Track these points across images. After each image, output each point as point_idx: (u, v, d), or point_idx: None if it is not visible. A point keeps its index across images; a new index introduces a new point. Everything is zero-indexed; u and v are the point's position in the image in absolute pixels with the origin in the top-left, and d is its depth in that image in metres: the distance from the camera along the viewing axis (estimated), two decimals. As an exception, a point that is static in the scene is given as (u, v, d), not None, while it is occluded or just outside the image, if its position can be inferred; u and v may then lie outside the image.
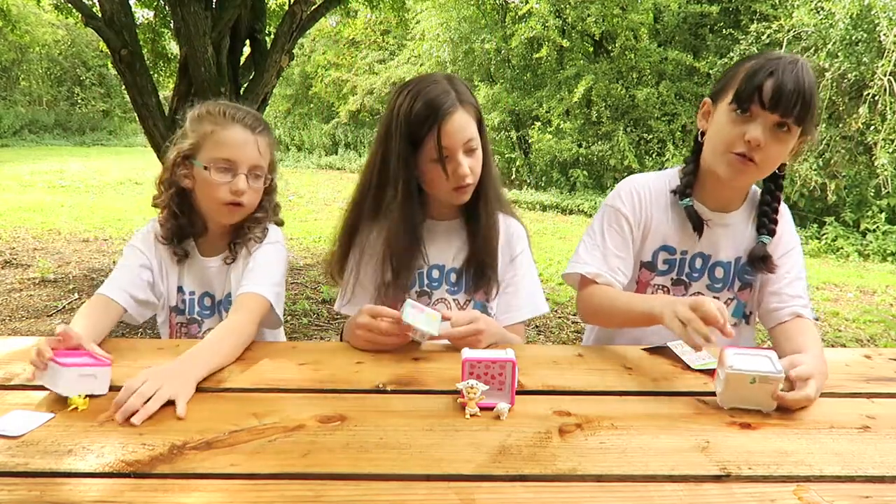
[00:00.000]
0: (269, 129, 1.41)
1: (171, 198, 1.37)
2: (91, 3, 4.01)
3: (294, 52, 4.26)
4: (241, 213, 1.38)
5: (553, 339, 3.74)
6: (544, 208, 9.54)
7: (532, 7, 10.00)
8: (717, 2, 9.39)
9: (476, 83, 11.43)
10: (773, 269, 1.31)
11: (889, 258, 7.00)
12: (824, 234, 7.62)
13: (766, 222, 1.32)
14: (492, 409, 0.92)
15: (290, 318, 3.82)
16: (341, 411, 0.93)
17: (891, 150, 7.13)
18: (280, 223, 1.49)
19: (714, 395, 1.00)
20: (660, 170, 1.72)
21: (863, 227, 7.54)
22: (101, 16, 3.74)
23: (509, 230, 1.44)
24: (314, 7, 4.16)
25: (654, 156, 9.58)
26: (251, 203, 1.37)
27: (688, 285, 1.38)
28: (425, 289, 1.40)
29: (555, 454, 0.82)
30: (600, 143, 10.10)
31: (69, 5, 4.54)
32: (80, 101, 20.56)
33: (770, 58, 1.19)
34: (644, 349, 1.22)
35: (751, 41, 8.14)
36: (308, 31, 4.73)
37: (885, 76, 7.02)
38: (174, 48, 5.50)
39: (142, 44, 4.47)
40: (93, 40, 18.55)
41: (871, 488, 0.76)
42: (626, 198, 1.38)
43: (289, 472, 0.77)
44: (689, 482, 0.76)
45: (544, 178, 10.89)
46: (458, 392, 0.94)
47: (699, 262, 1.37)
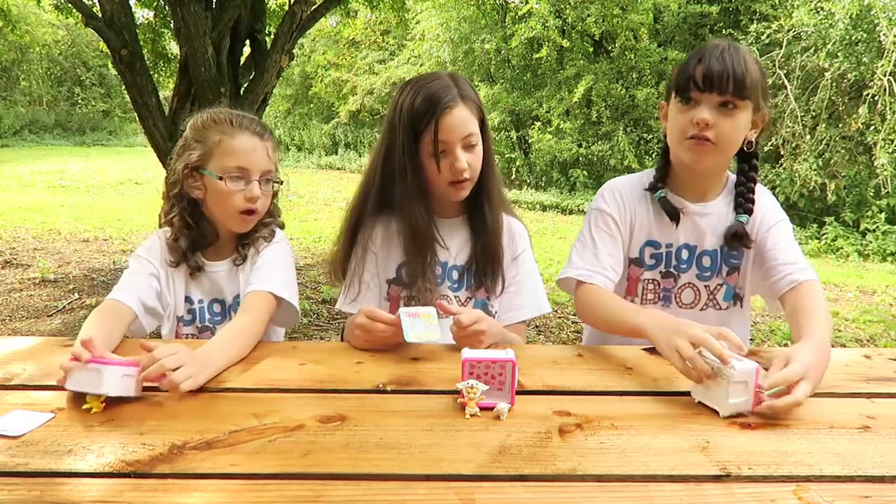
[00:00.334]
0: (272, 134, 1.41)
1: (183, 210, 1.36)
2: (91, 3, 4.01)
3: (294, 52, 4.26)
4: (254, 220, 1.38)
5: (553, 339, 3.75)
6: (544, 208, 9.55)
7: (532, 7, 10.00)
8: (717, 2, 9.39)
9: (476, 83, 11.43)
10: (749, 245, 1.34)
11: (889, 258, 7.01)
12: (824, 234, 7.62)
13: (742, 202, 1.35)
14: (492, 409, 0.92)
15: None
16: (341, 411, 0.93)
17: (890, 150, 7.13)
18: (281, 226, 1.47)
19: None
20: None
21: (863, 227, 7.54)
22: (101, 16, 3.75)
23: (511, 229, 1.45)
24: (314, 7, 4.16)
25: (653, 156, 9.57)
26: (264, 208, 1.38)
27: (677, 277, 1.40)
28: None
29: (555, 454, 0.81)
30: (600, 143, 10.11)
31: (69, 5, 4.55)
32: (80, 102, 20.58)
33: (702, 48, 1.27)
34: (644, 349, 1.22)
35: (751, 41, 8.14)
36: (308, 31, 4.73)
37: (884, 76, 7.02)
38: (174, 48, 5.51)
39: (142, 44, 4.47)
40: (93, 40, 18.57)
41: (871, 488, 0.76)
42: (609, 198, 1.43)
43: (289, 472, 0.77)
44: (689, 482, 0.76)
45: (544, 178, 10.90)
46: (458, 392, 0.94)
47: (686, 254, 1.39)
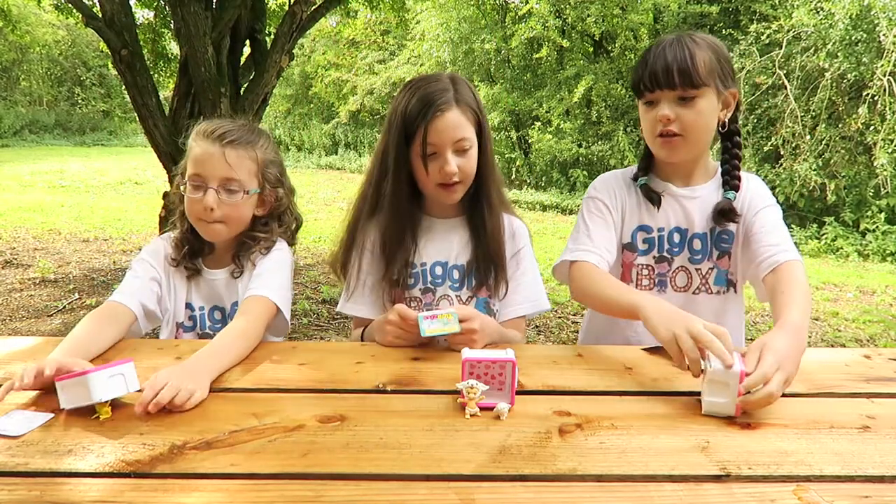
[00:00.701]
0: (249, 142, 1.34)
1: (180, 216, 1.39)
2: (91, 3, 4.01)
3: (294, 52, 4.26)
4: (220, 231, 1.35)
5: (553, 339, 3.75)
6: (544, 208, 9.54)
7: (532, 7, 10.00)
8: (716, 2, 9.39)
9: (476, 83, 11.43)
10: (736, 219, 1.36)
11: (889, 258, 7.00)
12: (824, 234, 7.62)
13: (728, 179, 1.38)
14: (492, 409, 0.92)
15: (290, 317, 3.83)
16: (341, 411, 0.93)
17: (890, 150, 7.13)
18: (289, 240, 1.46)
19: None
20: None
21: (862, 227, 7.54)
22: (101, 16, 3.75)
23: (511, 227, 1.44)
24: (314, 7, 4.16)
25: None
26: (231, 217, 1.34)
27: (670, 261, 1.41)
28: (428, 286, 1.41)
29: (555, 454, 0.82)
30: (600, 143, 10.10)
31: (70, 6, 4.55)
32: (80, 102, 20.58)
33: (650, 47, 1.31)
34: (644, 349, 1.22)
35: (750, 41, 8.14)
36: (308, 32, 4.73)
37: (884, 76, 7.02)
38: (174, 48, 5.51)
39: (142, 44, 4.47)
40: (93, 40, 18.57)
41: (871, 488, 0.76)
42: (600, 187, 1.47)
43: (289, 472, 0.77)
44: (689, 482, 0.76)
45: (544, 178, 10.89)
46: (458, 392, 0.94)
47: (677, 237, 1.41)
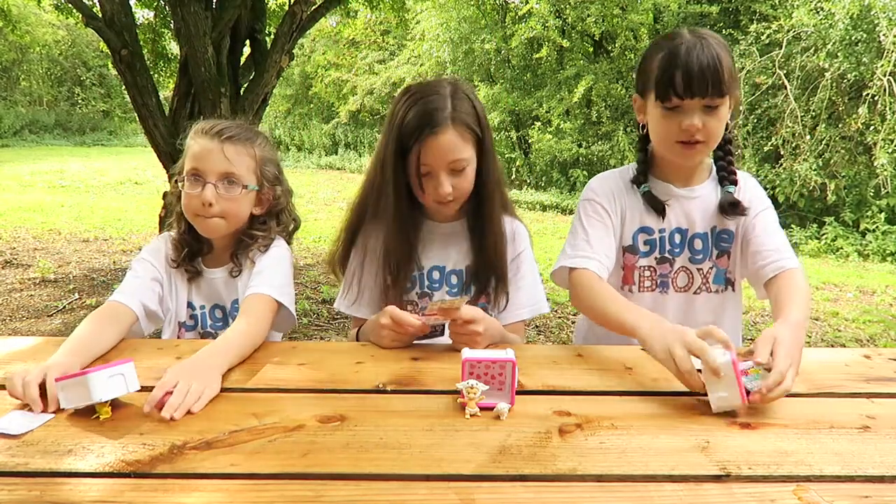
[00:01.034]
0: (248, 139, 1.36)
1: (179, 216, 1.39)
2: (91, 3, 4.02)
3: (294, 52, 4.26)
4: (219, 226, 1.35)
5: (553, 339, 3.75)
6: (544, 208, 9.55)
7: (532, 7, 10.00)
8: (716, 2, 9.40)
9: (476, 83, 11.43)
10: (744, 212, 1.35)
11: (889, 258, 7.01)
12: (824, 234, 7.62)
13: (725, 175, 1.37)
14: (492, 409, 0.92)
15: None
16: (341, 411, 0.93)
17: (890, 150, 7.13)
18: (287, 238, 1.46)
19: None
20: None
21: (862, 227, 7.54)
22: (101, 16, 3.75)
23: (512, 230, 1.43)
24: (314, 7, 4.16)
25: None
26: (229, 212, 1.34)
27: (672, 262, 1.41)
28: (426, 290, 1.40)
29: (555, 454, 0.81)
30: (600, 143, 10.11)
31: (70, 6, 4.55)
32: (80, 102, 20.58)
33: (673, 47, 1.23)
34: (644, 349, 1.22)
35: (750, 41, 8.15)
36: (308, 31, 4.74)
37: (884, 76, 7.02)
38: (174, 48, 5.51)
39: (142, 44, 4.47)
40: (93, 40, 18.57)
41: (871, 488, 0.76)
42: (597, 189, 1.43)
43: (289, 472, 0.77)
44: (689, 482, 0.76)
45: (544, 178, 10.90)
46: (458, 392, 0.94)
47: (678, 238, 1.40)
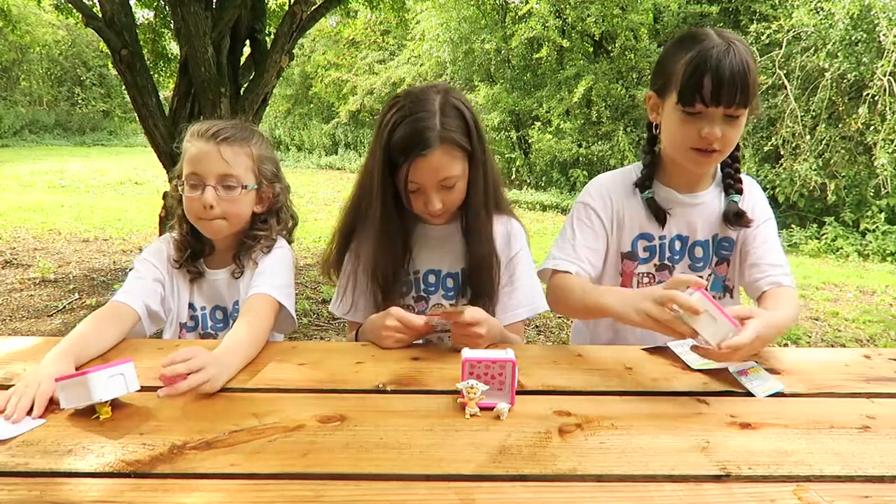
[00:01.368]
0: (244, 139, 1.36)
1: (180, 218, 1.39)
2: (91, 3, 4.01)
3: (294, 52, 4.26)
4: (222, 227, 1.35)
5: (553, 339, 3.75)
6: (544, 208, 9.54)
7: (532, 7, 10.00)
8: (716, 2, 9.40)
9: (476, 83, 11.43)
10: (748, 224, 1.34)
11: (889, 258, 7.01)
12: (824, 234, 7.62)
13: (731, 183, 1.37)
14: (492, 409, 0.92)
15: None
16: (341, 411, 0.93)
17: (890, 150, 7.13)
18: (287, 237, 1.46)
19: (713, 394, 1.00)
20: None
21: (862, 227, 7.54)
22: (101, 16, 3.75)
23: (508, 230, 1.42)
24: (314, 7, 4.16)
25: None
26: (231, 213, 1.34)
27: (671, 269, 1.40)
28: (421, 294, 1.40)
29: (555, 454, 0.82)
30: (600, 143, 10.11)
31: (70, 6, 4.55)
32: (80, 102, 20.58)
33: (703, 50, 1.18)
34: (644, 349, 1.22)
35: (750, 41, 8.14)
36: (308, 31, 4.73)
37: (884, 76, 7.02)
38: (174, 48, 5.51)
39: (142, 44, 4.47)
40: (93, 40, 18.57)
41: (871, 488, 0.76)
42: (594, 193, 1.42)
43: (289, 472, 0.77)
44: (689, 482, 0.76)
45: (544, 178, 10.90)
46: (458, 392, 0.94)
47: (678, 245, 1.39)
